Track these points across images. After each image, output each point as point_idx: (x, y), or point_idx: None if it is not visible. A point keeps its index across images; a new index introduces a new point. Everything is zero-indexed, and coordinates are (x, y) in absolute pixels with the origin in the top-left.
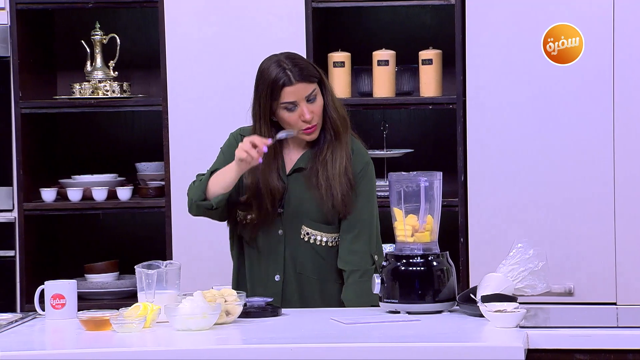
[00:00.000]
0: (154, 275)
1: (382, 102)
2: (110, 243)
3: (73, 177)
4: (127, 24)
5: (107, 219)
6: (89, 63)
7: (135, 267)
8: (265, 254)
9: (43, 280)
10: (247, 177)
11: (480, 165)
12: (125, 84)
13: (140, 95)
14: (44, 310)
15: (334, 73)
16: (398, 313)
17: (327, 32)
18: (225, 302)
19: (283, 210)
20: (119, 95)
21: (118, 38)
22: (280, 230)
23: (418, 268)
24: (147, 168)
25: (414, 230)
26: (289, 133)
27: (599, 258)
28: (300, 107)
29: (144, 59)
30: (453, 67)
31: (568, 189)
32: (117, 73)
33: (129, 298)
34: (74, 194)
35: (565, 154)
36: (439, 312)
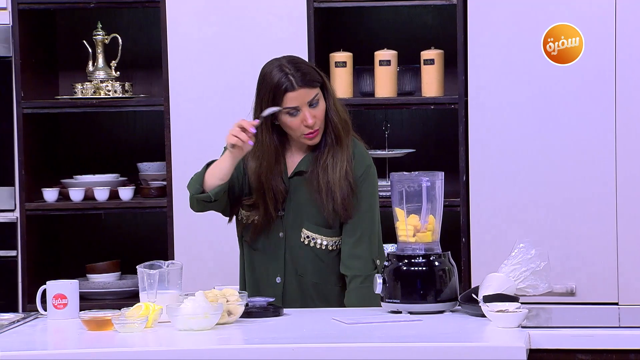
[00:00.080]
0: (156, 275)
1: (383, 102)
2: (112, 243)
3: (75, 177)
4: (129, 24)
5: (108, 219)
6: (91, 63)
7: (137, 267)
8: (267, 256)
9: (45, 280)
10: (252, 179)
11: (482, 166)
12: (127, 84)
13: (142, 95)
14: (46, 310)
15: (336, 73)
16: (400, 313)
17: (328, 32)
18: (227, 302)
19: (284, 213)
20: (121, 95)
21: (120, 38)
22: (281, 233)
23: (420, 268)
24: (148, 168)
25: (416, 230)
26: (274, 109)
27: (601, 258)
28: (303, 112)
29: (146, 59)
30: (455, 67)
31: (570, 189)
32: (118, 73)
33: (131, 298)
34: (76, 194)
35: (567, 154)
36: (441, 312)
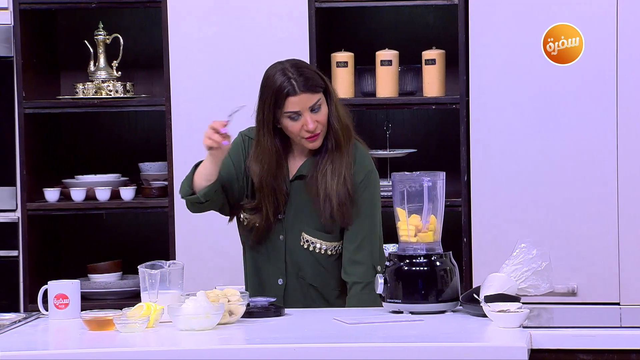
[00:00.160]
0: (157, 275)
1: (385, 102)
2: (114, 243)
3: (76, 177)
4: (130, 24)
5: (110, 219)
6: (92, 63)
7: (139, 267)
8: (268, 258)
9: (46, 280)
10: (254, 181)
11: (484, 166)
12: (129, 84)
13: (144, 95)
14: (47, 310)
15: (337, 73)
16: (401, 313)
17: (330, 32)
18: (229, 302)
19: (284, 217)
20: (122, 95)
21: (121, 38)
22: (281, 236)
23: (421, 268)
24: (150, 168)
25: (417, 230)
26: (239, 108)
27: (602, 258)
28: (304, 116)
29: (147, 59)
30: (456, 67)
31: (571, 189)
32: (120, 73)
33: (132, 298)
34: (77, 194)
35: (568, 154)
36: (442, 312)
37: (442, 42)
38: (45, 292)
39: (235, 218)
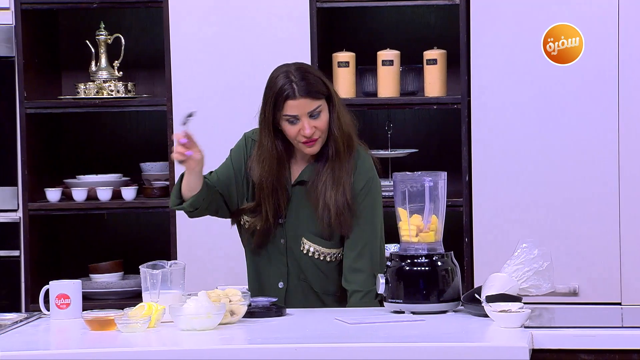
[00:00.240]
0: (159, 275)
1: (386, 102)
2: (115, 243)
3: (78, 177)
4: (131, 24)
5: (111, 219)
6: (94, 63)
7: (140, 267)
8: (270, 262)
9: (48, 280)
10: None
11: (485, 166)
12: (130, 84)
13: (145, 95)
14: (49, 310)
15: (339, 73)
16: (402, 313)
17: (331, 32)
18: (230, 302)
19: (285, 220)
20: (124, 95)
21: (123, 38)
22: (283, 240)
23: (422, 268)
24: (151, 168)
25: (419, 230)
26: (192, 112)
27: (604, 258)
28: (302, 121)
29: (149, 59)
30: (458, 67)
31: (573, 189)
32: (121, 73)
33: (134, 298)
34: (79, 194)
35: (570, 154)
36: (444, 312)
37: (443, 42)
38: (47, 292)
39: (237, 223)
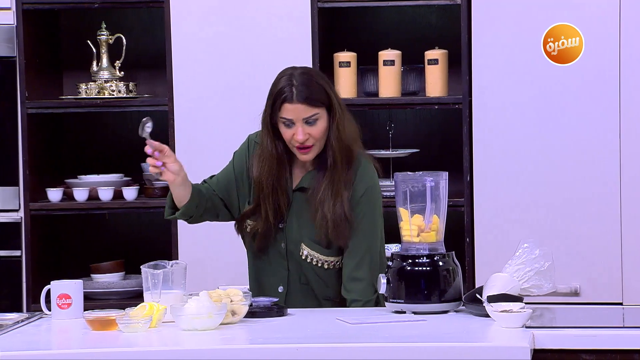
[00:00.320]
0: (160, 275)
1: (387, 102)
2: (116, 243)
3: (79, 177)
4: (133, 24)
5: (113, 219)
6: (95, 63)
7: (141, 267)
8: (270, 266)
9: (49, 280)
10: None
11: (486, 165)
12: (131, 84)
13: (146, 95)
14: (50, 310)
15: (340, 73)
16: (404, 313)
17: (332, 32)
18: (231, 302)
19: (285, 225)
20: (125, 95)
21: (124, 38)
22: (283, 244)
23: (424, 268)
24: None
25: (420, 230)
26: (145, 119)
27: (605, 258)
28: (296, 126)
29: (150, 59)
30: (459, 67)
31: (574, 189)
32: (123, 73)
33: (135, 298)
34: (80, 194)
35: (571, 154)
36: (445, 312)
37: (444, 42)
38: (48, 292)
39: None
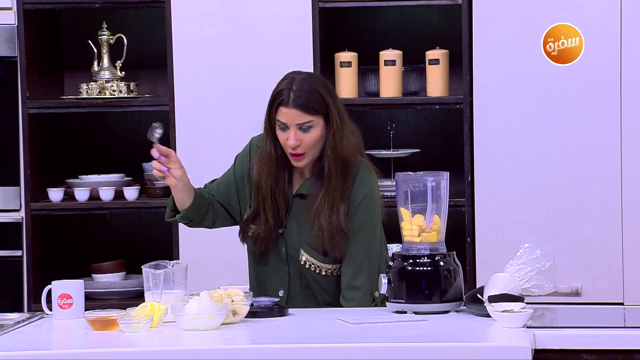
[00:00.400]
0: (161, 275)
1: (388, 102)
2: (117, 243)
3: (80, 177)
4: (134, 24)
5: (114, 219)
6: (96, 63)
7: (142, 267)
8: (271, 270)
9: (50, 280)
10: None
11: (487, 166)
12: (132, 84)
13: (147, 95)
14: (51, 310)
15: (341, 73)
16: (405, 313)
17: (333, 32)
18: (232, 302)
19: (285, 230)
20: (126, 95)
21: (125, 38)
22: (284, 248)
23: (425, 268)
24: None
25: (421, 230)
26: (155, 126)
27: (606, 258)
28: (290, 131)
29: (151, 59)
30: (460, 67)
31: (575, 189)
32: (124, 73)
33: (136, 298)
34: (81, 194)
35: (572, 154)
36: (446, 312)
37: (445, 42)
38: (49, 292)
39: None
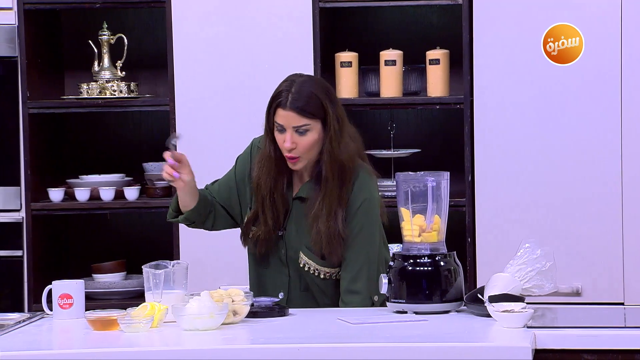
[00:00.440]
0: (162, 275)
1: (389, 102)
2: (118, 243)
3: (80, 177)
4: (134, 24)
5: (114, 219)
6: (97, 63)
7: (143, 267)
8: (272, 272)
9: (51, 280)
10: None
11: (488, 165)
12: (133, 84)
13: (148, 95)
14: (52, 310)
15: (341, 73)
16: (405, 313)
17: (334, 32)
18: (233, 302)
19: (285, 232)
20: (127, 95)
21: (125, 38)
22: (284, 250)
23: (425, 268)
24: (154, 168)
25: (421, 230)
26: (176, 136)
27: (607, 258)
28: (286, 133)
29: (152, 59)
30: (460, 67)
31: (576, 189)
32: (124, 73)
33: (137, 298)
34: (82, 194)
35: (572, 154)
36: (447, 312)
37: (446, 42)
38: (50, 292)
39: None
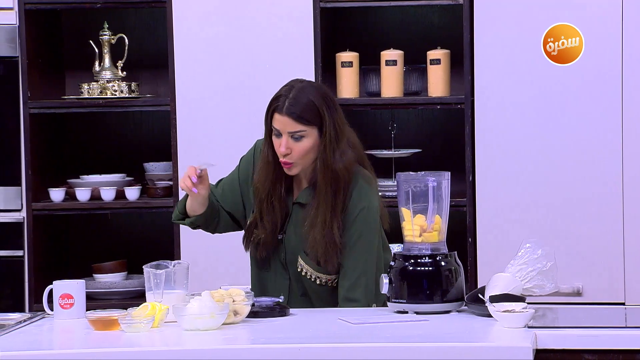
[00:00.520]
0: (162, 275)
1: (390, 102)
2: (119, 243)
3: (81, 177)
4: (135, 24)
5: (115, 219)
6: (97, 63)
7: (144, 266)
8: (272, 275)
9: (51, 280)
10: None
11: (489, 166)
12: (134, 84)
13: (149, 95)
14: (53, 310)
15: (342, 73)
16: (406, 313)
17: (335, 32)
18: (233, 302)
19: (284, 236)
20: (127, 95)
21: (126, 38)
22: (284, 254)
23: (426, 268)
24: (155, 168)
25: (422, 231)
26: (211, 164)
27: (608, 258)
28: (282, 138)
29: (152, 59)
30: (461, 67)
31: (577, 189)
32: (125, 73)
33: (137, 298)
34: (82, 194)
35: (573, 154)
36: (447, 312)
37: (447, 42)
38: (51, 292)
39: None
